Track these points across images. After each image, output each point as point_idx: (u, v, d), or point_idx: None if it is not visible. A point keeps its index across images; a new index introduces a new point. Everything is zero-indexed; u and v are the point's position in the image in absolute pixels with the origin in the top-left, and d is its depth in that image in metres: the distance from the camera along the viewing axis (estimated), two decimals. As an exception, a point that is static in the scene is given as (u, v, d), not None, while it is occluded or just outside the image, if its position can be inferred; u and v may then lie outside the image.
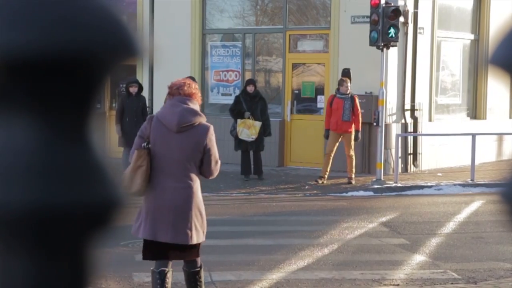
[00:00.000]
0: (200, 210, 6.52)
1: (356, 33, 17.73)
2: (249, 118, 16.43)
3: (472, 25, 20.75)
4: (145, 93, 20.64)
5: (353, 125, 16.24)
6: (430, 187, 16.54)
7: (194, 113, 6.45)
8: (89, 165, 0.69)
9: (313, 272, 9.62)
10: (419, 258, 10.41)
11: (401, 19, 17.11)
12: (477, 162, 17.75)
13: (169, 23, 19.91)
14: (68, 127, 0.69)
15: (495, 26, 19.74)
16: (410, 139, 18.72)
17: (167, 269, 6.67)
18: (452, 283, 9.21)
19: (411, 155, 18.74)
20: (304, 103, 19.30)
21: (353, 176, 16.49)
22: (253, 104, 16.46)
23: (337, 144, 16.31)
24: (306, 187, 16.30)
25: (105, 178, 0.70)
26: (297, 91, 19.30)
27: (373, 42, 16.39)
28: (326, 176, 16.46)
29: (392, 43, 16.37)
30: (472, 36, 20.71)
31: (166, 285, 6.68)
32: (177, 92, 6.51)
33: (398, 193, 16.02)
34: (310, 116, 18.98)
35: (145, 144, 6.42)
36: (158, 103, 17.23)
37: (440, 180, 17.23)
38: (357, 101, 16.33)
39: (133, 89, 16.47)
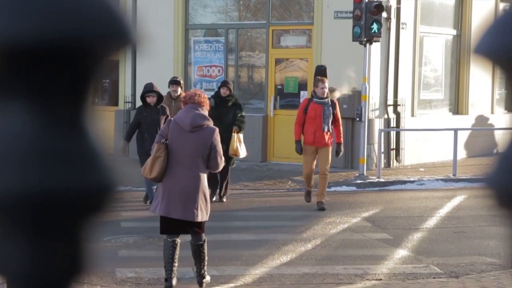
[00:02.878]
0: (205, 195, 8.08)
1: (339, 28, 17.76)
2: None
3: (454, 20, 20.84)
4: (127, 88, 20.63)
5: (331, 138, 13.44)
6: (412, 182, 16.61)
7: (203, 117, 8.15)
8: (84, 152, 0.70)
9: (296, 267, 9.64)
10: (401, 252, 10.46)
11: (384, 14, 17.16)
12: (459, 157, 17.84)
13: (152, 18, 19.86)
14: (64, 114, 0.70)
15: (477, 22, 19.82)
16: (392, 134, 18.79)
17: (177, 239, 8.20)
18: (434, 277, 9.26)
19: (394, 150, 18.81)
20: (287, 98, 19.32)
21: (324, 200, 13.51)
22: (224, 109, 13.76)
23: (315, 161, 13.48)
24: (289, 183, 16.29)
25: (100, 165, 0.71)
26: (280, 87, 19.32)
27: (356, 38, 16.43)
28: (312, 185, 13.58)
29: (375, 39, 16.41)
30: (454, 32, 20.80)
31: (176, 251, 8.17)
32: (190, 101, 8.19)
33: (380, 188, 16.08)
34: (293, 111, 18.93)
35: (163, 140, 8.09)
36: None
37: (423, 175, 17.31)
38: (337, 107, 13.63)
39: (151, 99, 13.26)
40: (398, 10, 18.43)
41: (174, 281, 8.20)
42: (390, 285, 8.89)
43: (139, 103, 14.38)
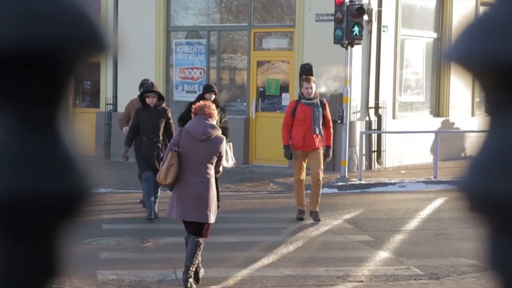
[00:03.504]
0: (214, 198, 8.75)
1: (321, 31, 17.80)
2: None
3: (435, 23, 20.95)
4: (108, 90, 20.57)
5: (321, 141, 12.67)
6: (393, 184, 16.67)
7: (213, 127, 8.78)
8: (59, 156, 0.70)
9: (277, 269, 9.65)
10: (382, 254, 10.49)
11: (365, 17, 17.23)
12: (440, 159, 17.93)
13: (133, 20, 19.82)
14: (39, 119, 0.70)
15: (457, 25, 19.92)
16: (374, 136, 18.85)
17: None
18: (415, 279, 9.30)
19: (375, 153, 18.87)
20: (269, 100, 19.34)
21: (318, 209, 12.60)
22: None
23: (305, 165, 12.68)
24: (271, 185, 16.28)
25: (75, 168, 0.71)
26: (262, 89, 19.34)
27: (337, 40, 16.47)
28: (305, 205, 12.66)
29: (356, 41, 16.47)
30: (435, 35, 20.90)
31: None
32: (200, 112, 8.82)
33: (362, 190, 16.13)
34: (275, 113, 19.03)
35: (176, 148, 8.66)
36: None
37: (404, 177, 17.37)
38: (327, 108, 12.91)
39: (151, 100, 12.42)
40: (379, 13, 18.49)
41: (202, 272, 9.00)
42: (371, 287, 8.92)
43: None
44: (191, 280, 8.60)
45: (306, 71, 14.54)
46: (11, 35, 0.66)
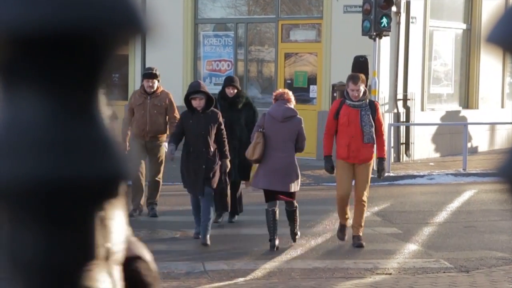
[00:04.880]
0: (296, 171, 10.14)
1: (349, 22, 17.73)
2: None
3: (464, 14, 20.78)
4: (136, 84, 20.65)
5: (372, 152, 10.43)
6: (422, 176, 16.58)
7: (291, 110, 10.14)
8: (96, 140, 0.70)
9: (306, 261, 9.65)
10: (411, 247, 10.45)
11: (394, 8, 17.13)
12: (469, 151, 17.80)
13: (161, 13, 19.81)
14: (77, 103, 0.70)
15: (487, 16, 19.76)
16: (402, 128, 18.75)
17: (276, 208, 10.14)
18: (444, 272, 9.25)
19: (404, 145, 18.78)
20: (297, 93, 19.22)
21: (361, 233, 10.44)
22: (233, 112, 11.38)
23: (351, 182, 10.42)
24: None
25: (111, 153, 0.71)
26: (289, 81, 19.31)
27: (365, 32, 16.40)
28: (347, 217, 10.55)
29: (384, 33, 16.39)
30: (464, 26, 20.74)
31: (276, 219, 10.13)
32: (280, 98, 10.18)
33: (390, 183, 16.06)
34: (303, 106, 18.97)
35: (261, 129, 10.06)
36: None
37: (432, 170, 17.28)
38: (379, 110, 10.63)
39: (198, 103, 10.35)
40: (407, 4, 18.38)
41: (276, 241, 10.07)
42: (400, 280, 8.88)
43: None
44: (298, 234, 10.47)
45: (359, 66, 13.57)
46: (49, 18, 0.66)
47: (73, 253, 0.69)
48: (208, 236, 10.21)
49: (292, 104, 10.15)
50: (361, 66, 14.02)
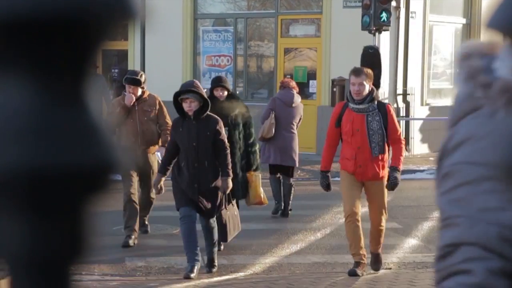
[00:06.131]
0: (297, 148, 11.96)
1: (348, 17, 17.71)
2: None
3: (464, 9, 20.75)
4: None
5: (386, 165, 8.66)
6: (422, 171, 16.58)
7: (297, 97, 12.05)
8: (84, 127, 0.69)
9: (305, 256, 9.64)
10: (411, 241, 10.44)
11: (393, 3, 17.10)
12: (469, 146, 17.77)
13: (160, 8, 19.83)
14: (64, 89, 0.69)
15: (486, 10, 19.71)
16: (402, 123, 18.72)
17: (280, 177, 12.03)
18: (444, 266, 9.23)
19: (403, 140, 18.76)
20: (296, 87, 19.28)
21: (381, 250, 8.81)
22: (223, 117, 8.95)
23: (360, 195, 8.77)
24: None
25: (100, 141, 0.69)
26: (289, 76, 19.28)
27: (365, 27, 16.37)
28: (362, 253, 8.53)
29: (384, 28, 16.36)
30: (464, 21, 20.71)
31: (281, 186, 12.02)
32: (287, 85, 12.09)
33: (390, 178, 16.02)
34: (303, 101, 18.79)
35: (273, 111, 11.73)
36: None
37: (432, 165, 17.26)
38: (393, 115, 8.54)
39: (188, 105, 8.28)
40: (407, -2, 18.35)
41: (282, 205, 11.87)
42: (400, 274, 8.88)
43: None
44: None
45: (368, 59, 12.62)
46: (38, 1, 0.64)
47: (60, 244, 0.67)
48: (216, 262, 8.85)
49: (296, 91, 12.11)
50: (371, 59, 13.02)
